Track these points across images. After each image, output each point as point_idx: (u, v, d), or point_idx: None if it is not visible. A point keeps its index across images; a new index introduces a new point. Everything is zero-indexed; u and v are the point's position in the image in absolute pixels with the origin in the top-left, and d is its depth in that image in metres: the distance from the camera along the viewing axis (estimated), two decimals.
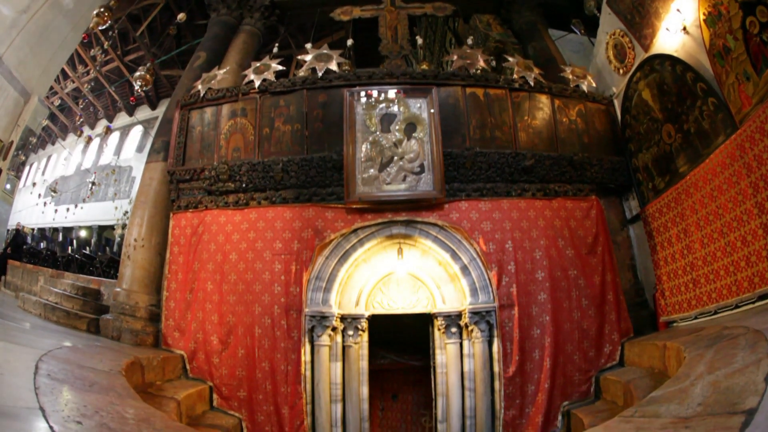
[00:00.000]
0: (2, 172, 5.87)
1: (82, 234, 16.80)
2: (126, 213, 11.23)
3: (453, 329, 5.54)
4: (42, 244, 13.99)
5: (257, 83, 6.06)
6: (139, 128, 16.72)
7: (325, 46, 6.19)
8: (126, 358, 4.05)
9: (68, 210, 14.95)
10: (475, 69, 6.09)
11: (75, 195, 16.37)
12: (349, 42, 6.67)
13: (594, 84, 6.48)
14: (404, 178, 5.55)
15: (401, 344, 7.39)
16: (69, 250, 12.31)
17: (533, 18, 8.17)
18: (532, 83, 6.11)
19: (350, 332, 5.55)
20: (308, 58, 6.12)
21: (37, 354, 3.03)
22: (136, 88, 8.86)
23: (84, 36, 6.57)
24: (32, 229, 17.54)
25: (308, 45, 6.32)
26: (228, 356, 5.32)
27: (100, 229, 15.99)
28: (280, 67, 6.20)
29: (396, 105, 5.70)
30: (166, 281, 5.79)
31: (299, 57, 6.29)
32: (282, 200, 5.67)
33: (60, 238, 15.66)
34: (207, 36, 8.04)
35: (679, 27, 4.77)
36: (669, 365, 3.94)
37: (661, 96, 5.26)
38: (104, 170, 16.04)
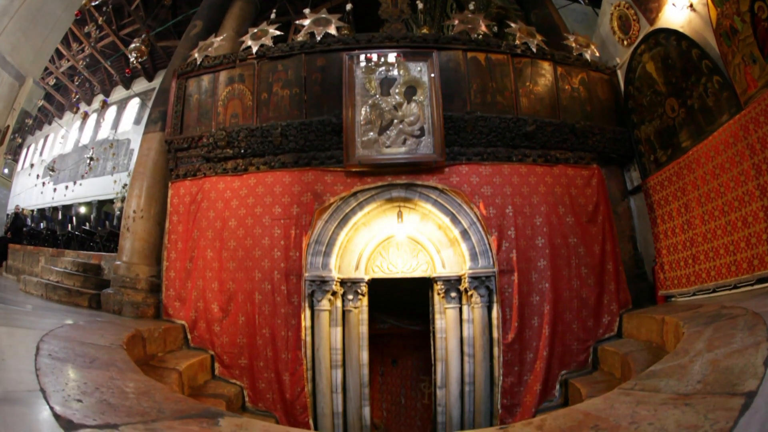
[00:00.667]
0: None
1: (82, 210, 16.72)
2: (125, 186, 11.16)
3: (453, 294, 5.55)
4: (42, 225, 13.94)
5: (255, 49, 5.96)
6: (137, 101, 16.47)
7: (324, 11, 6.06)
8: (127, 332, 4.04)
9: (67, 188, 14.83)
10: (477, 34, 5.98)
11: (74, 172, 16.22)
12: (348, 6, 6.53)
13: (597, 53, 6.38)
14: (404, 141, 5.50)
15: (401, 309, 7.42)
16: (69, 228, 12.28)
17: None
18: (535, 50, 6.01)
19: (350, 297, 5.56)
20: (307, 23, 6.00)
21: (39, 335, 3.01)
22: (132, 60, 8.75)
23: (77, 13, 6.40)
24: (32, 211, 17.47)
25: (306, 10, 6.19)
26: (229, 324, 5.33)
27: (100, 204, 15.90)
28: (278, 33, 6.08)
29: (396, 69, 5.60)
30: (166, 251, 5.79)
31: (297, 22, 6.15)
32: (281, 165, 5.62)
33: (60, 217, 15.61)
34: (203, 4, 7.85)
35: (686, 3, 4.77)
36: (667, 339, 3.97)
37: (666, 70, 5.20)
38: (102, 145, 15.83)
